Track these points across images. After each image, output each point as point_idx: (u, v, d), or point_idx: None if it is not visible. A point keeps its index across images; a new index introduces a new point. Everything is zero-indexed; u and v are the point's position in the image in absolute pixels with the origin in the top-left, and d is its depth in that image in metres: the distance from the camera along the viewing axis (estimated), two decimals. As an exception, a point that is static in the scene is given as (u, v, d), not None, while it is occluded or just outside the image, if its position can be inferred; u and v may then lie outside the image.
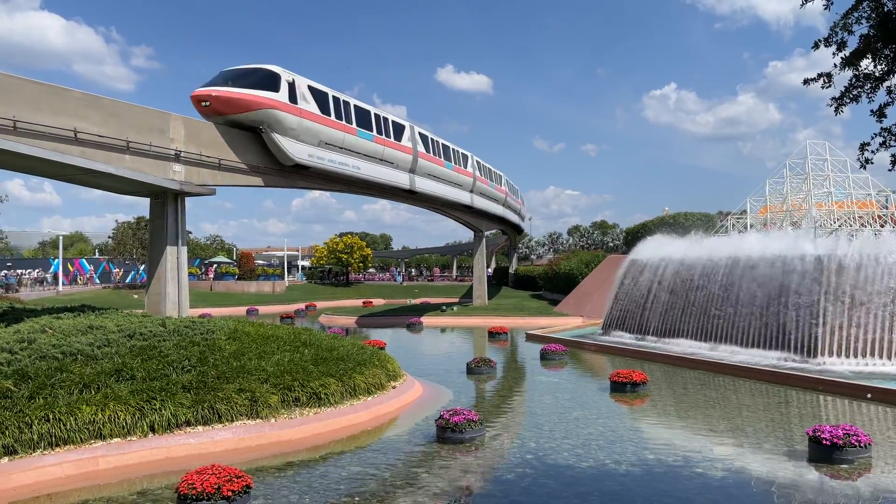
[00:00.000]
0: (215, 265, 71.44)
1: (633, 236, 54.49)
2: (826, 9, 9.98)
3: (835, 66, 10.45)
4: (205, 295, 55.28)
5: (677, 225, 47.84)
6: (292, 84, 24.48)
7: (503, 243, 79.56)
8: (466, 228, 52.51)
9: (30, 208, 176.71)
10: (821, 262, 21.09)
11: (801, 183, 32.88)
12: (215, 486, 8.60)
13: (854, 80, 10.43)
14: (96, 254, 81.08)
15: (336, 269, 71.99)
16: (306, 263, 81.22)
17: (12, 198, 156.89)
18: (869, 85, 10.32)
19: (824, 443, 10.80)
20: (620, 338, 26.91)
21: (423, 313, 42.46)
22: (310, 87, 25.60)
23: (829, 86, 10.63)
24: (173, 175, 21.05)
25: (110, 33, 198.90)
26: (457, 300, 55.50)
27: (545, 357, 22.86)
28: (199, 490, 8.56)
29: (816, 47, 10.32)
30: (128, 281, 67.03)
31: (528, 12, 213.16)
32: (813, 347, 19.81)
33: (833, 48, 10.29)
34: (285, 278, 68.47)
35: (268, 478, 10.26)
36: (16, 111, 16.64)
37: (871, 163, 10.74)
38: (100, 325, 15.12)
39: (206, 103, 22.86)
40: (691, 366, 21.04)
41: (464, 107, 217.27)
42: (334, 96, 27.04)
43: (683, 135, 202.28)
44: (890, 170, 10.42)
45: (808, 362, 19.53)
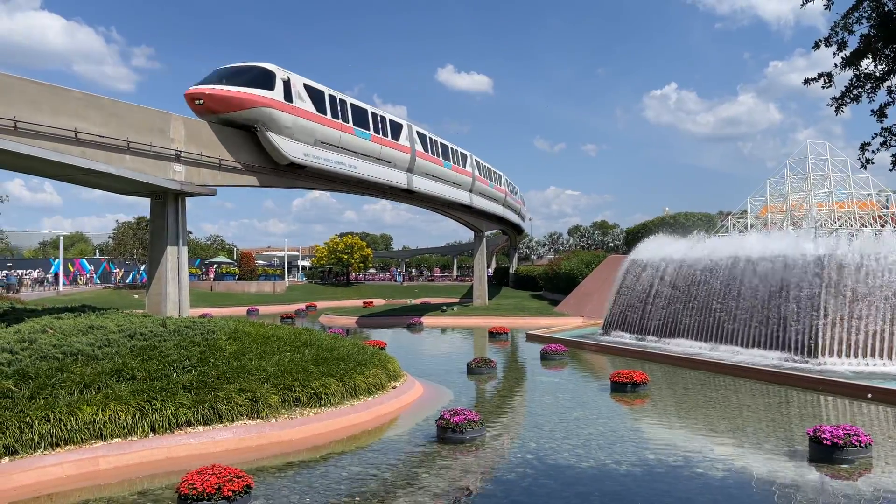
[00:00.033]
0: (216, 265, 71.51)
1: (634, 236, 54.48)
2: (826, 9, 9.98)
3: (835, 65, 10.46)
4: (205, 295, 55.32)
5: (678, 225, 47.83)
6: (287, 82, 24.15)
7: (503, 243, 79.59)
8: (467, 229, 52.51)
9: (30, 208, 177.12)
10: (821, 261, 21.08)
11: (801, 183, 32.87)
12: (216, 486, 8.61)
13: (854, 79, 10.45)
14: (97, 254, 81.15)
15: (336, 269, 72.04)
16: (307, 263, 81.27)
17: (13, 198, 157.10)
18: (869, 85, 10.33)
19: (825, 443, 10.80)
20: (621, 338, 26.91)
21: (423, 313, 42.47)
22: (305, 86, 25.24)
23: (830, 86, 10.64)
24: (174, 175, 21.06)
25: (111, 33, 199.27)
26: (457, 300, 55.51)
27: (545, 357, 22.87)
28: (199, 490, 8.57)
29: (817, 47, 10.33)
30: (128, 281, 67.08)
31: (528, 12, 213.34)
32: (813, 347, 19.81)
33: (833, 48, 10.30)
34: (286, 278, 68.52)
35: (268, 478, 10.26)
36: (16, 111, 16.65)
37: (872, 163, 10.76)
38: (100, 326, 15.13)
39: (200, 101, 22.55)
40: (692, 366, 21.04)
41: (464, 107, 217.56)
42: (330, 94, 26.68)
43: (684, 135, 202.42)
44: (890, 170, 10.43)
45: (808, 362, 19.53)
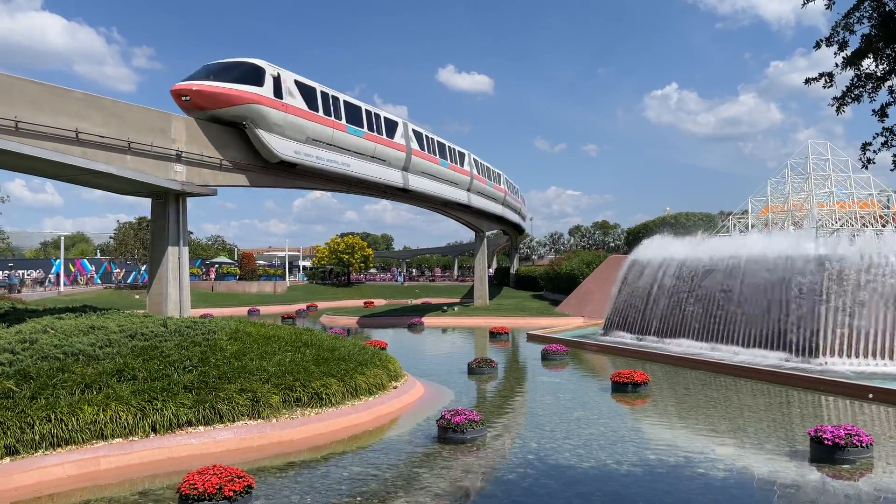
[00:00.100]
0: (217, 265, 71.53)
1: (635, 236, 54.49)
2: (827, 8, 9.97)
3: (836, 65, 10.46)
4: (206, 295, 55.34)
5: (679, 225, 47.84)
6: (277, 78, 23.61)
7: (504, 243, 79.58)
8: (468, 229, 52.49)
9: (31, 209, 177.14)
10: (822, 262, 21.07)
11: (802, 183, 32.84)
12: (217, 487, 8.62)
13: (856, 79, 10.45)
14: (98, 254, 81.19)
15: (337, 269, 72.05)
16: (307, 264, 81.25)
17: (14, 198, 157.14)
18: (870, 85, 10.34)
19: (826, 443, 10.80)
20: (622, 338, 26.89)
21: (424, 314, 42.46)
22: (296, 82, 24.70)
23: (831, 85, 10.64)
24: (174, 175, 21.06)
25: (111, 34, 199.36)
26: (458, 300, 55.50)
27: (546, 357, 22.86)
28: (200, 490, 8.57)
29: (818, 47, 10.33)
30: (129, 281, 67.12)
31: (528, 13, 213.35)
32: (814, 348, 19.79)
33: (834, 48, 10.30)
34: (286, 279, 68.54)
35: (269, 478, 10.27)
36: (17, 112, 16.66)
37: (873, 162, 10.76)
38: (101, 326, 15.15)
39: (187, 98, 21.99)
40: (692, 366, 21.03)
41: (465, 107, 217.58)
42: (322, 91, 26.15)
43: (685, 135, 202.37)
44: (892, 170, 10.43)
45: (809, 362, 19.52)
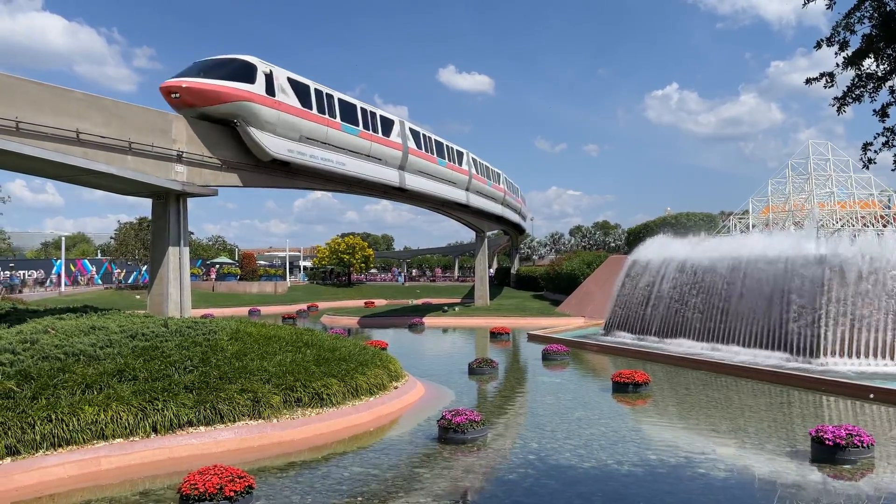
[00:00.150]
0: (217, 266, 71.58)
1: (635, 236, 54.52)
2: (828, 8, 9.96)
3: (837, 65, 10.44)
4: (207, 295, 55.35)
5: (679, 225, 47.86)
6: (270, 75, 23.15)
7: (505, 244, 79.58)
8: (468, 229, 52.46)
9: (32, 209, 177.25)
10: (823, 262, 21.06)
11: (803, 183, 32.84)
12: (217, 487, 8.62)
13: (856, 79, 10.44)
14: (99, 254, 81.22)
15: (338, 269, 72.05)
16: (308, 264, 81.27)
17: (15, 199, 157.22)
18: (871, 85, 10.32)
19: (827, 443, 10.80)
20: (622, 338, 26.89)
21: (424, 314, 42.46)
22: (289, 79, 24.19)
23: (832, 85, 10.63)
24: (175, 175, 21.06)
25: (112, 34, 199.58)
26: (459, 301, 55.49)
27: (547, 357, 22.86)
28: (201, 490, 8.57)
29: (819, 47, 10.32)
30: (130, 281, 67.15)
31: (529, 13, 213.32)
32: (815, 348, 19.78)
33: (835, 48, 10.29)
34: (287, 279, 68.55)
35: (270, 478, 10.27)
36: (18, 112, 16.67)
37: (874, 163, 10.75)
38: (102, 326, 15.15)
39: (176, 95, 21.48)
40: (693, 366, 21.02)
41: (465, 107, 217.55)
42: (316, 89, 25.65)
43: (685, 135, 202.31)
44: (893, 170, 10.43)
45: (810, 363, 19.51)
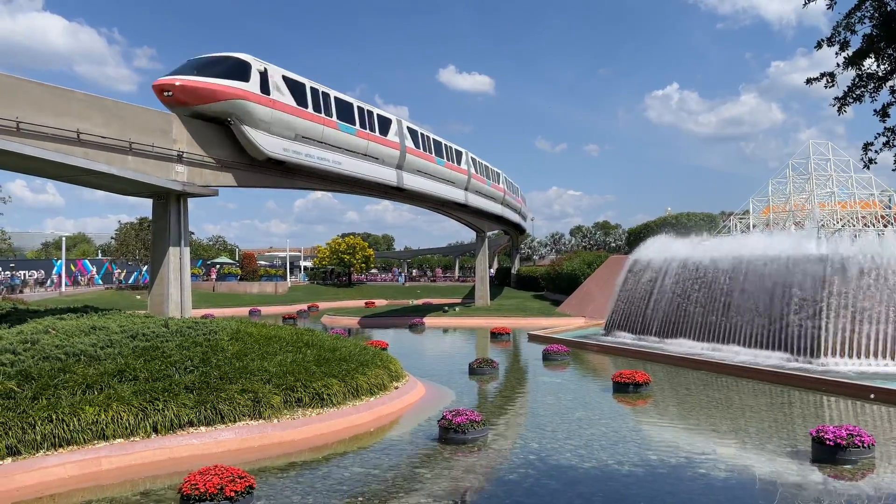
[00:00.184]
0: (218, 266, 71.59)
1: (636, 237, 54.52)
2: (829, 8, 9.97)
3: (838, 65, 10.45)
4: (207, 296, 55.37)
5: (680, 225, 47.85)
6: (264, 73, 22.89)
7: (505, 244, 79.56)
8: (469, 229, 52.44)
9: (33, 209, 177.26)
10: (824, 262, 21.04)
11: (803, 183, 32.80)
12: (218, 487, 8.62)
13: (857, 79, 10.45)
14: (99, 255, 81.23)
15: (338, 269, 72.05)
16: (309, 264, 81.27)
17: (15, 199, 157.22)
18: (872, 85, 10.33)
19: (828, 443, 10.79)
20: (623, 338, 26.87)
21: (425, 314, 42.45)
22: (284, 77, 23.93)
23: (832, 85, 10.64)
24: (176, 176, 21.07)
25: (112, 34, 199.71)
26: (459, 301, 55.48)
27: (547, 357, 22.85)
28: (201, 490, 8.57)
29: (819, 47, 10.33)
30: (130, 282, 67.16)
31: (529, 13, 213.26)
32: (816, 348, 19.77)
33: (836, 48, 10.30)
34: (288, 279, 68.56)
35: (270, 478, 10.27)
36: (19, 112, 16.67)
37: (875, 162, 10.76)
38: (103, 326, 15.15)
39: (169, 93, 21.20)
40: (694, 366, 21.01)
41: (466, 107, 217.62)
42: (312, 87, 25.36)
43: (686, 135, 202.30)
44: (893, 169, 10.44)
45: (811, 363, 19.50)
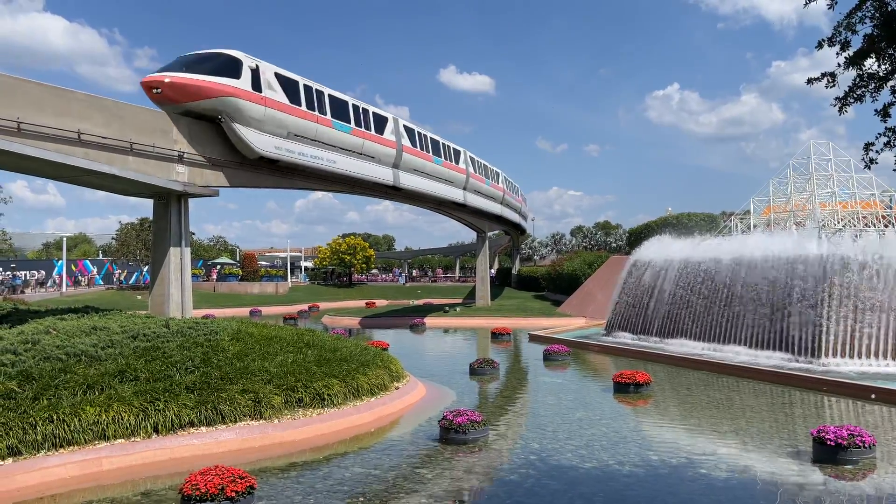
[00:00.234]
0: (219, 266, 71.59)
1: (637, 237, 54.44)
2: (830, 8, 9.96)
3: (838, 65, 10.45)
4: (208, 296, 55.38)
5: (680, 225, 47.74)
6: (256, 70, 22.52)
7: (506, 244, 79.57)
8: (469, 229, 52.43)
9: (34, 210, 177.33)
10: (825, 262, 21.03)
11: (804, 183, 32.78)
12: (219, 487, 8.62)
13: (858, 79, 10.44)
14: (100, 255, 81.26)
15: (339, 270, 72.05)
16: (309, 264, 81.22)
17: (16, 199, 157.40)
18: (873, 85, 10.33)
19: (829, 443, 10.78)
20: (623, 338, 26.87)
21: (426, 314, 42.45)
22: (277, 75, 23.58)
23: (833, 85, 10.63)
24: (176, 176, 21.08)
25: (113, 35, 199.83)
26: (460, 301, 55.48)
27: (548, 358, 22.85)
28: (202, 491, 8.57)
29: (820, 47, 10.32)
30: (131, 282, 67.19)
31: (530, 13, 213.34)
32: (817, 348, 19.76)
33: (837, 48, 10.29)
34: (288, 279, 68.60)
35: (271, 478, 10.27)
36: (20, 113, 16.69)
37: (876, 163, 10.75)
38: (103, 327, 15.15)
39: (158, 90, 20.78)
40: (694, 366, 21.00)
41: (467, 108, 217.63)
42: (306, 85, 24.99)
43: (686, 135, 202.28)
44: (894, 170, 10.45)
45: (812, 363, 19.49)
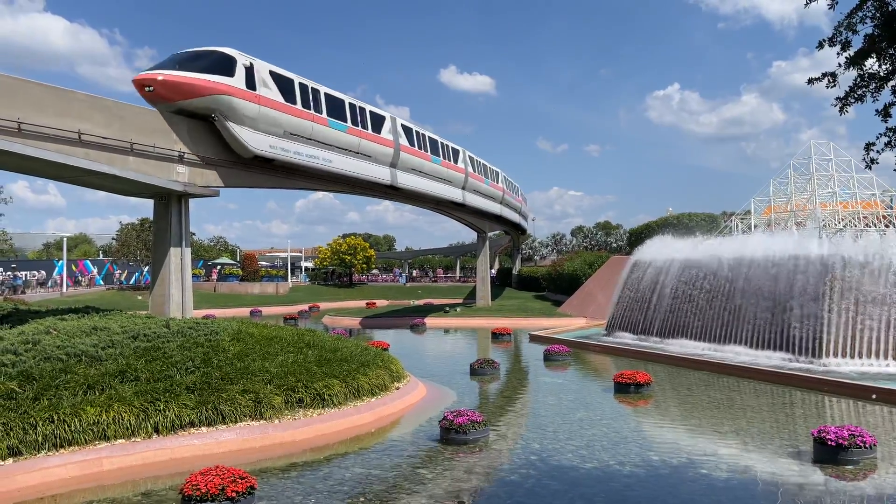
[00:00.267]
0: (219, 266, 71.59)
1: (637, 237, 54.41)
2: (830, 8, 9.96)
3: (839, 65, 10.45)
4: (208, 296, 55.38)
5: (681, 225, 47.71)
6: (250, 68, 22.36)
7: (506, 244, 79.59)
8: (470, 229, 52.42)
9: (34, 210, 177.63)
10: (825, 262, 21.01)
11: (805, 183, 32.77)
12: (219, 487, 8.62)
13: (859, 79, 10.44)
14: (100, 255, 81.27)
15: (339, 270, 72.05)
16: (310, 265, 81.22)
17: (17, 200, 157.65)
18: (874, 85, 10.33)
19: (829, 444, 10.77)
20: (624, 339, 26.85)
21: (426, 314, 42.44)
22: (272, 73, 23.44)
23: (834, 86, 10.63)
24: (177, 176, 21.09)
25: (114, 35, 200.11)
26: (460, 301, 55.48)
27: (549, 358, 22.84)
28: (203, 491, 8.57)
29: (821, 47, 10.32)
30: (131, 282, 67.20)
31: (530, 14, 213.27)
32: (818, 348, 19.74)
33: (837, 48, 10.29)
34: (289, 279, 68.60)
35: (272, 479, 10.27)
36: (21, 113, 16.70)
37: (877, 163, 10.75)
38: (104, 327, 15.15)
39: (150, 88, 20.61)
40: (695, 366, 20.99)
41: (467, 108, 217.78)
42: (301, 83, 24.87)
43: (687, 135, 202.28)
44: (895, 170, 10.43)
45: (813, 363, 19.47)
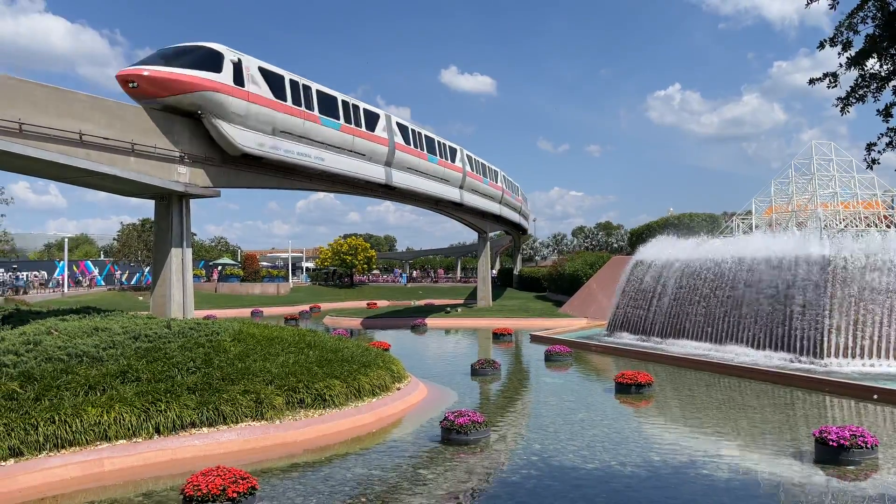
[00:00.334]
0: (220, 267, 71.68)
1: (638, 237, 54.36)
2: (831, 8, 9.95)
3: (840, 65, 10.43)
4: (209, 297, 55.44)
5: (682, 226, 47.65)
6: (238, 64, 21.93)
7: (507, 244, 79.59)
8: (470, 230, 52.43)
9: (35, 211, 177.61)
10: (827, 262, 21.00)
11: (806, 183, 32.77)
12: (220, 488, 8.62)
13: (860, 79, 10.42)
14: (101, 256, 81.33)
15: (340, 270, 72.09)
16: (311, 265, 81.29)
17: (18, 200, 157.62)
18: (875, 85, 10.31)
19: (831, 444, 10.76)
20: (625, 339, 26.83)
21: (427, 315, 42.44)
22: (261, 69, 22.98)
23: (835, 86, 10.61)
24: (178, 177, 21.10)
25: (115, 36, 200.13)
26: (461, 301, 55.49)
27: (550, 358, 22.83)
28: (204, 491, 8.57)
29: (822, 47, 10.31)
30: (132, 283, 67.24)
31: (531, 14, 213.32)
32: (819, 348, 19.73)
33: (838, 48, 10.27)
34: (290, 280, 68.65)
35: (273, 479, 10.27)
36: (22, 114, 16.71)
37: (878, 163, 10.73)
38: (105, 327, 15.15)
39: (134, 84, 20.05)
40: (696, 367, 20.97)
41: (468, 108, 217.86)
42: (292, 79, 24.41)
43: (688, 135, 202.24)
44: (896, 170, 10.43)
45: (814, 363, 19.46)
